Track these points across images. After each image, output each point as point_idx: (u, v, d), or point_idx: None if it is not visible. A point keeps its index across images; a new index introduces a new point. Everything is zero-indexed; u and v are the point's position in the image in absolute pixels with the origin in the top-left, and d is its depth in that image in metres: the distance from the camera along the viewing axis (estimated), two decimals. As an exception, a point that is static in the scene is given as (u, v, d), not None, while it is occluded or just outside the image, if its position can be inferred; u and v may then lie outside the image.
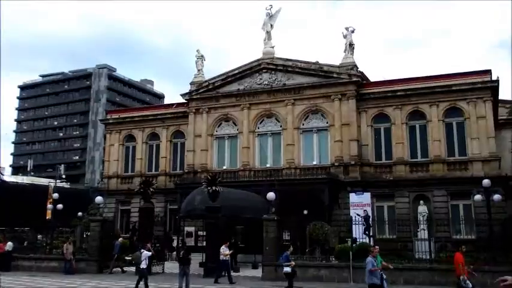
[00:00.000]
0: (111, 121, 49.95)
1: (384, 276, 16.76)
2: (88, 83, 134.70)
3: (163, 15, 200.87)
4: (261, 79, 42.67)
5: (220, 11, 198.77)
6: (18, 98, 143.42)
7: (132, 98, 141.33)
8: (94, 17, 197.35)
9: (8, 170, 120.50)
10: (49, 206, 41.83)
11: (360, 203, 33.97)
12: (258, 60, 42.74)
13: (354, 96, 39.12)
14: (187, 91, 44.92)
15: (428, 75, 38.75)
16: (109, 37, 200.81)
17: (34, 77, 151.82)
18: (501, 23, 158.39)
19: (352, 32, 40.92)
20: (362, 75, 40.28)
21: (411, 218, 34.46)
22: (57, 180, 70.54)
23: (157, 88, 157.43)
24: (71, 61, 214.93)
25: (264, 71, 42.50)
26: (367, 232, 30.89)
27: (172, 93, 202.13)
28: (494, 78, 36.25)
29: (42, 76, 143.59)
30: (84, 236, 36.59)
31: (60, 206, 37.68)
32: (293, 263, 22.43)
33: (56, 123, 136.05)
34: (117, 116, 50.00)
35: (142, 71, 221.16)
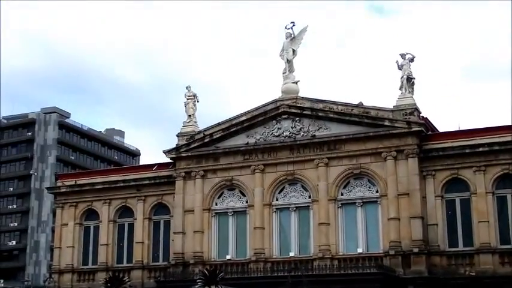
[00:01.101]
0: (63, 190, 50.44)
1: None
2: (30, 134, 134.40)
3: (136, 40, 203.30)
4: (279, 129, 43.52)
5: (217, 32, 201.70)
6: None
7: (94, 155, 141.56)
8: (40, 42, 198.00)
9: None
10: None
11: (428, 310, 33.19)
12: (276, 101, 43.75)
13: (416, 153, 39.84)
14: (174, 146, 45.60)
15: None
16: (60, 69, 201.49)
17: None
18: None
19: (411, 60, 42.07)
20: (426, 123, 41.20)
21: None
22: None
23: (129, 142, 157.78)
24: (5, 103, 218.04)
25: (283, 116, 43.43)
26: None
27: (152, 148, 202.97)
28: None
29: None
30: None
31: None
32: None
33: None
34: (72, 183, 50.51)
35: (107, 118, 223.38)
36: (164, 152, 45.73)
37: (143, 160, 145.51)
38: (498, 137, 39.04)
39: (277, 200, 43.19)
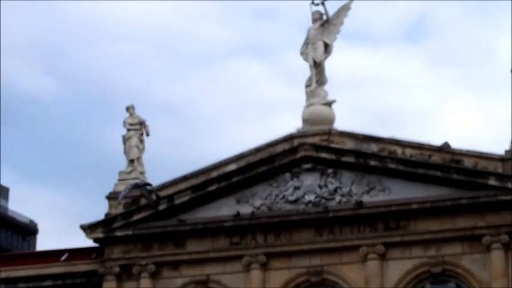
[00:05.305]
0: None
1: None
2: None
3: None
4: (297, 189, 39.75)
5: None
6: None
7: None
8: None
9: None
10: None
11: None
12: (291, 137, 40.56)
13: None
14: (102, 218, 41.98)
15: None
16: None
17: None
18: None
19: None
20: None
21: None
22: None
23: (17, 208, 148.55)
24: None
25: (305, 166, 39.66)
26: None
27: (58, 220, 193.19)
28: None
29: None
30: None
31: None
32: None
33: None
34: None
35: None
36: (83, 228, 41.81)
37: (42, 242, 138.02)
38: None
39: (291, 316, 41.12)
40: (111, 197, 42.18)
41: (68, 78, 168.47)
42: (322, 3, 42.09)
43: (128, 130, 43.29)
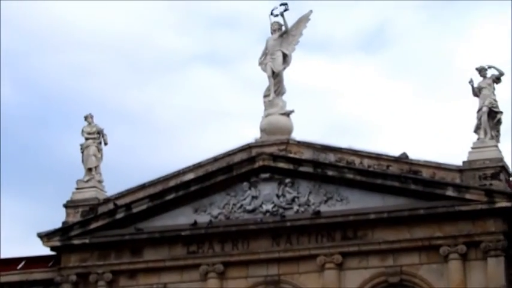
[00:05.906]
0: None
1: None
2: None
3: None
4: (255, 198, 39.77)
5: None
6: None
7: None
8: None
9: None
10: None
11: None
12: (249, 147, 40.51)
13: (502, 248, 36.08)
14: (59, 226, 41.41)
15: None
16: None
17: None
18: None
19: (497, 79, 38.00)
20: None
21: None
22: None
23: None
24: None
25: (263, 176, 39.70)
26: None
27: (15, 228, 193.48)
28: None
29: None
30: None
31: None
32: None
33: None
34: None
35: None
36: (40, 236, 41.30)
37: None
38: None
39: (247, 327, 41.09)
40: (69, 205, 41.78)
41: (24, 85, 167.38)
42: (282, 15, 41.99)
43: (86, 139, 42.83)
